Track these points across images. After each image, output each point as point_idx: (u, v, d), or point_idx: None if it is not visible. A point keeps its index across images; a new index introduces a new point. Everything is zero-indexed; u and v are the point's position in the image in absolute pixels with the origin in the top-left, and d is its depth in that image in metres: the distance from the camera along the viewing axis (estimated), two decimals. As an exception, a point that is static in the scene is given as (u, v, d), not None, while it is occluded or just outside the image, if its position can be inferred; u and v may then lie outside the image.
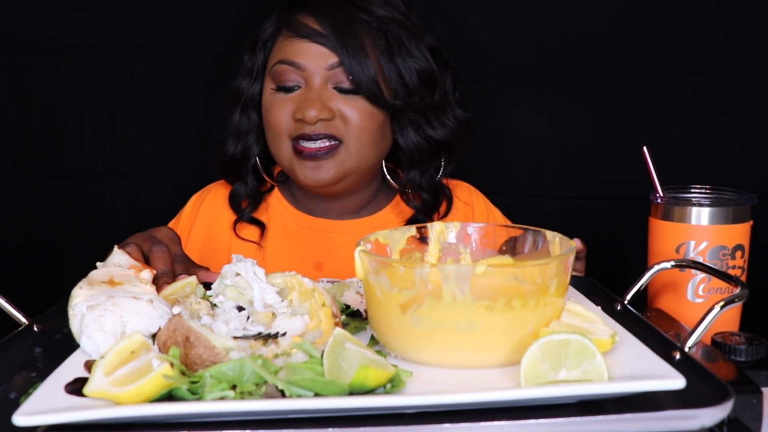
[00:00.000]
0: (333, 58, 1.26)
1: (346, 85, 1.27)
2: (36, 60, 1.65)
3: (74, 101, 1.66)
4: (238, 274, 0.89)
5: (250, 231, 1.41)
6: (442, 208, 1.43)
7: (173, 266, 1.07)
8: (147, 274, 0.96)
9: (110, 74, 1.66)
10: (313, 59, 1.27)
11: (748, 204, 1.12)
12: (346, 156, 1.29)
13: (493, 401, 0.69)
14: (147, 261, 1.06)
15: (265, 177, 1.41)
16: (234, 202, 1.41)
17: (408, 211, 1.44)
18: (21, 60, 1.65)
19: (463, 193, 1.50)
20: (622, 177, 1.67)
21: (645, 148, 1.17)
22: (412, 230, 0.97)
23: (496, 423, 0.67)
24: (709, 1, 1.70)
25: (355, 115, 1.28)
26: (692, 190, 1.16)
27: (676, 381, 0.69)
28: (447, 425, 0.67)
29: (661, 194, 1.15)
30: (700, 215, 1.10)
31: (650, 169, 1.16)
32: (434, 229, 0.97)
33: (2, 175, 1.67)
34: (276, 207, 1.44)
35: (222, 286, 0.89)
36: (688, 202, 1.12)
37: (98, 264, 0.98)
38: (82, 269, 0.96)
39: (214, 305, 0.87)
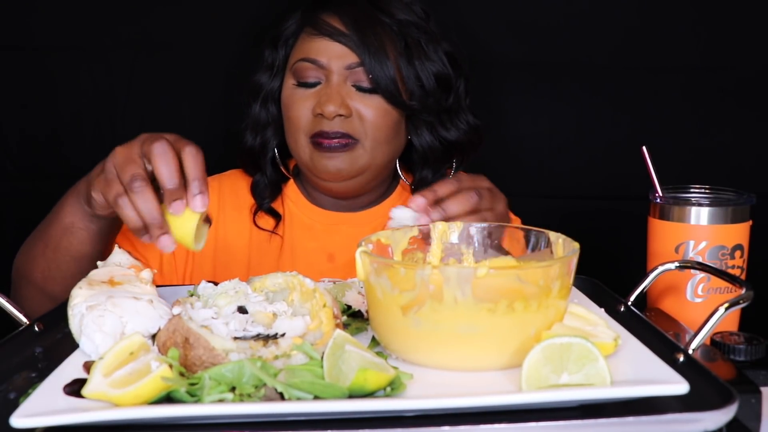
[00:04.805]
0: (353, 58, 1.30)
1: (365, 84, 1.30)
2: (36, 60, 1.65)
3: (74, 101, 1.66)
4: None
5: (266, 220, 1.43)
6: None
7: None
8: (147, 273, 0.95)
9: (110, 74, 1.66)
10: (335, 58, 1.30)
11: (747, 204, 1.12)
12: (362, 152, 1.32)
13: (493, 405, 0.68)
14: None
15: (283, 170, 1.43)
16: (256, 190, 1.43)
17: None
18: (21, 60, 1.64)
19: None
20: (622, 177, 1.67)
21: (644, 147, 1.16)
22: (414, 230, 0.97)
23: (496, 426, 0.67)
24: (707, 2, 1.69)
25: (372, 114, 1.31)
26: (691, 190, 1.16)
27: (679, 386, 0.68)
28: (447, 428, 0.66)
29: (661, 194, 1.14)
30: (700, 215, 1.10)
31: (649, 168, 1.16)
32: (437, 229, 0.97)
33: (2, 175, 1.67)
34: (292, 198, 1.46)
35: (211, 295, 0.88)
36: (688, 202, 1.11)
37: (99, 263, 0.98)
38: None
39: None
